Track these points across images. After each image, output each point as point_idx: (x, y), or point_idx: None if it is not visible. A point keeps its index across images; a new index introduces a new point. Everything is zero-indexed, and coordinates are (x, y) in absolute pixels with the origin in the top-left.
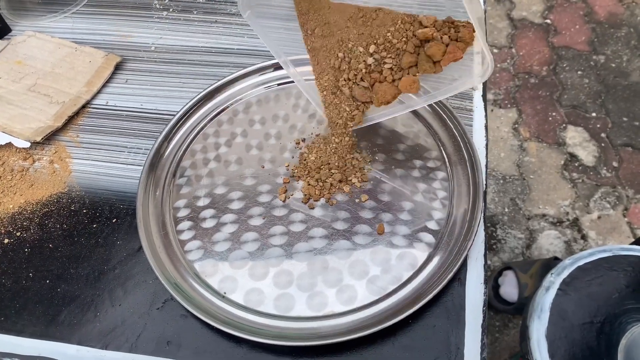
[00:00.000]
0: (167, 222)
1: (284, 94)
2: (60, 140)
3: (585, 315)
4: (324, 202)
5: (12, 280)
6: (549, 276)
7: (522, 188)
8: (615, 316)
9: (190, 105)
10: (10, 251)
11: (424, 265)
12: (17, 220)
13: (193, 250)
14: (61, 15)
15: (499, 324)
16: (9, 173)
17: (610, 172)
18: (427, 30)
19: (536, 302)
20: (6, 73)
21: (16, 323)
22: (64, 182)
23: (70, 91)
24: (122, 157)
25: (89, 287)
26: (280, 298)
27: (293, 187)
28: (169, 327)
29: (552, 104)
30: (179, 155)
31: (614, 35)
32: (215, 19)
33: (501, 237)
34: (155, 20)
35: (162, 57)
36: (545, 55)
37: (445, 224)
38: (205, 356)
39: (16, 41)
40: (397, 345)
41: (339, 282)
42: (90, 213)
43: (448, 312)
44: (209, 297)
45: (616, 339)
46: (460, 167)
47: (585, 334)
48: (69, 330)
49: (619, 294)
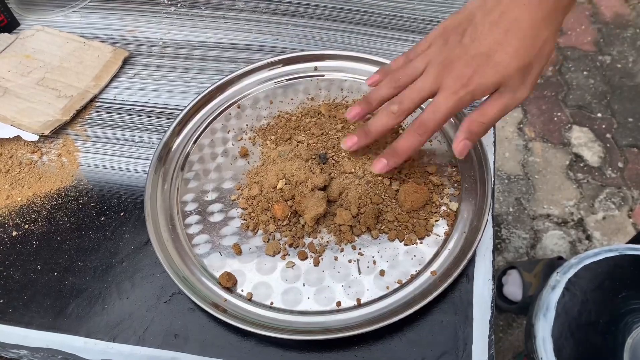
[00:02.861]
0: (175, 216)
1: (292, 89)
2: (68, 133)
3: (591, 315)
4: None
5: (20, 273)
6: (554, 275)
7: (526, 188)
8: (621, 316)
9: (198, 100)
10: (19, 243)
11: (431, 261)
12: (25, 213)
13: (201, 244)
14: (69, 10)
15: (502, 324)
16: (17, 166)
17: (615, 173)
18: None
19: (542, 300)
20: (15, 67)
21: (24, 315)
22: (71, 176)
23: (79, 85)
24: (130, 151)
25: (97, 280)
26: (288, 292)
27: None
28: (176, 320)
29: (558, 104)
30: (187, 149)
31: (620, 36)
32: (223, 15)
33: (506, 237)
34: (164, 15)
35: (170, 52)
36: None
37: (453, 220)
38: (212, 349)
39: (25, 35)
40: (405, 340)
41: (347, 276)
42: (98, 206)
43: (456, 307)
44: (216, 290)
45: (622, 339)
46: (469, 163)
47: (590, 333)
48: (77, 322)
49: (625, 293)
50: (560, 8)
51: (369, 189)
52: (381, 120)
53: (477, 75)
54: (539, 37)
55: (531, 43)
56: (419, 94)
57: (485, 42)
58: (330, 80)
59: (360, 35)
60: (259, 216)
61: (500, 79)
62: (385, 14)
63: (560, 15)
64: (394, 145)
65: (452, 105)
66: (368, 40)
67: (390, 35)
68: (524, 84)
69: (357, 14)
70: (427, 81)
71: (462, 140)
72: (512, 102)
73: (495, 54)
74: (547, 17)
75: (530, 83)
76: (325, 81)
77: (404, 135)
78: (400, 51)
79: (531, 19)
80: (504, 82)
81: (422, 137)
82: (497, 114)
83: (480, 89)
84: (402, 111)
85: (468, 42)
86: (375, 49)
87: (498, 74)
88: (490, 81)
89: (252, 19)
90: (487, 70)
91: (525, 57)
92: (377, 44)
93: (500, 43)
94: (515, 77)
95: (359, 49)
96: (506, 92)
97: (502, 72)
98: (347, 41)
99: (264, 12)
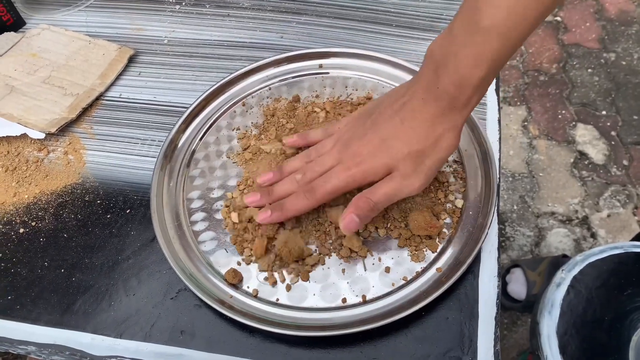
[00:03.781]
0: (181, 213)
1: (297, 87)
2: (74, 131)
3: (596, 312)
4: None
5: (27, 269)
6: (559, 272)
7: (531, 186)
8: (626, 313)
9: (203, 98)
10: (26, 240)
11: (437, 258)
12: (32, 210)
13: (207, 241)
14: (75, 9)
15: (507, 322)
16: (24, 164)
17: (620, 171)
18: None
19: (547, 298)
20: (21, 65)
21: (32, 311)
22: (78, 173)
23: (84, 83)
24: (135, 149)
25: (104, 277)
26: (294, 289)
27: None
28: (182, 317)
29: (562, 102)
30: (193, 147)
31: (625, 33)
32: (228, 13)
33: (510, 235)
34: (168, 13)
35: (174, 50)
36: (555, 53)
37: (458, 217)
38: (218, 346)
39: (31, 34)
40: (410, 336)
41: (352, 273)
42: (105, 204)
43: (461, 304)
44: (222, 287)
45: (627, 336)
46: (474, 160)
47: (595, 331)
48: (84, 319)
49: (630, 290)
50: (457, 108)
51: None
52: (285, 186)
53: (370, 155)
54: (434, 130)
55: (424, 135)
56: (321, 167)
57: (383, 128)
58: (334, 78)
59: (365, 32)
60: (245, 236)
61: (390, 162)
62: (390, 11)
63: (458, 116)
64: (283, 201)
65: (342, 179)
66: (373, 37)
67: (395, 32)
68: (416, 173)
69: (362, 12)
70: (329, 157)
71: (349, 213)
72: (401, 187)
73: (389, 139)
74: (443, 114)
75: (423, 173)
76: (330, 79)
77: (294, 196)
78: (405, 49)
79: (427, 113)
80: (395, 167)
81: (309, 201)
82: (385, 194)
83: (371, 170)
84: (304, 180)
85: (369, 125)
86: (380, 47)
87: (388, 158)
88: (381, 163)
89: (257, 17)
90: (379, 152)
91: (417, 145)
92: (382, 41)
93: (396, 130)
94: (407, 163)
95: (363, 47)
96: (397, 176)
97: (393, 156)
98: (352, 39)
99: (269, 10)
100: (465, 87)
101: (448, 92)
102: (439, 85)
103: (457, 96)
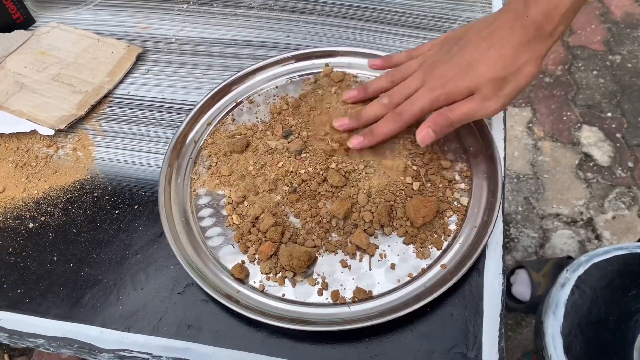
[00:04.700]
0: (188, 209)
1: (304, 85)
2: (83, 128)
3: (600, 312)
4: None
5: (37, 264)
6: (564, 272)
7: (536, 187)
8: (631, 313)
9: (211, 95)
10: (35, 235)
11: (442, 254)
12: (41, 206)
13: (214, 237)
14: (84, 7)
15: (511, 322)
16: (33, 160)
17: (625, 173)
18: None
19: (551, 298)
20: (30, 63)
21: (41, 305)
22: (86, 169)
23: (93, 81)
24: (144, 146)
25: (112, 271)
26: (300, 285)
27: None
28: (189, 311)
29: (567, 104)
30: (200, 144)
31: (630, 35)
32: (235, 12)
33: (514, 236)
34: (176, 12)
35: (182, 48)
36: (560, 55)
37: (464, 214)
38: (225, 340)
39: (40, 32)
40: (415, 333)
41: (358, 269)
42: (113, 199)
43: (466, 301)
44: (229, 282)
45: (632, 336)
46: (479, 158)
47: (600, 331)
48: (92, 312)
49: (635, 291)
50: (543, 37)
51: (384, 187)
52: (373, 109)
53: (455, 78)
54: (518, 58)
55: (510, 61)
56: (407, 90)
57: (469, 53)
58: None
59: (371, 32)
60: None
61: (473, 85)
62: (396, 11)
63: (542, 45)
64: (372, 127)
65: (427, 101)
66: (379, 37)
67: (400, 32)
68: (497, 96)
69: (368, 11)
70: (414, 80)
71: (425, 128)
72: (479, 108)
73: (475, 63)
74: (529, 42)
75: (503, 97)
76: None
77: (382, 120)
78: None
79: (514, 41)
80: (478, 89)
81: (397, 124)
82: (463, 113)
83: (455, 91)
84: (391, 104)
85: (456, 50)
86: (385, 46)
87: (472, 81)
88: (465, 85)
89: (264, 16)
90: (464, 75)
91: (501, 71)
92: (388, 40)
93: (482, 55)
94: (489, 86)
95: (369, 46)
96: (477, 98)
97: (477, 80)
98: (358, 38)
99: (275, 10)
100: (553, 16)
101: (536, 20)
102: (528, 14)
103: (544, 25)
